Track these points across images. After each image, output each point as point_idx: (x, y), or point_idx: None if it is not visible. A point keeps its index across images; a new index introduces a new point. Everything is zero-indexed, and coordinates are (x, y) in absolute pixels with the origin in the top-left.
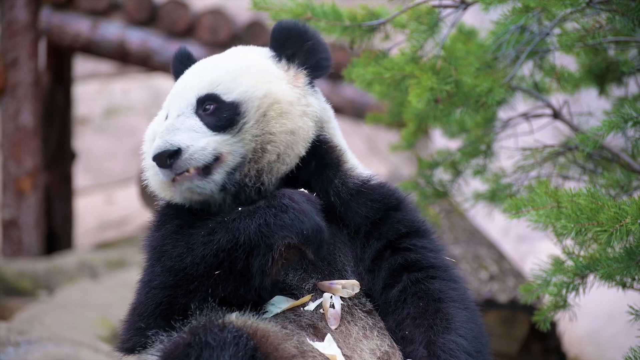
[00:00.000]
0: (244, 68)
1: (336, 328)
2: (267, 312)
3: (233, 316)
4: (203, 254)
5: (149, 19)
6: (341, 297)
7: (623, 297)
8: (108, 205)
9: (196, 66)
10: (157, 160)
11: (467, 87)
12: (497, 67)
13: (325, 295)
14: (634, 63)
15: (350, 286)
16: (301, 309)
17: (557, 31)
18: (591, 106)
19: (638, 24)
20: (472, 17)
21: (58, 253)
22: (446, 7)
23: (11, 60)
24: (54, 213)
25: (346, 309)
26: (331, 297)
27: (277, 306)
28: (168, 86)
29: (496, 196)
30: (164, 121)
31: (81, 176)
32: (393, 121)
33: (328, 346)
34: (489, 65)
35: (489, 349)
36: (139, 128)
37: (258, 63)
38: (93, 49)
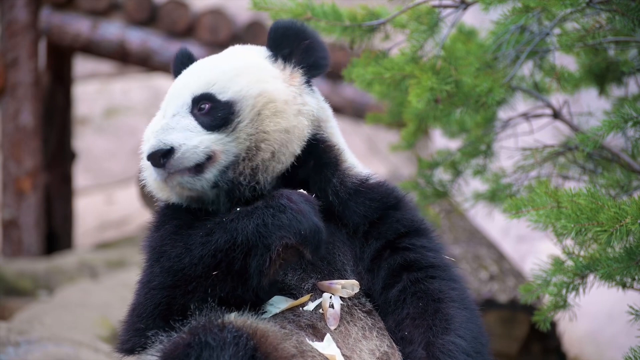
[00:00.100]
0: (240, 67)
1: (335, 328)
2: (266, 312)
3: (232, 316)
4: (201, 255)
5: (149, 19)
6: (341, 297)
7: (623, 297)
8: (108, 205)
9: (193, 66)
10: (151, 159)
11: (467, 87)
12: (497, 67)
13: (324, 295)
14: (634, 63)
15: (349, 286)
16: (300, 309)
17: (557, 31)
18: (591, 106)
19: (638, 24)
20: (472, 17)
21: (58, 253)
22: (446, 7)
23: (11, 60)
24: (54, 213)
25: (346, 309)
26: (330, 297)
27: (276, 306)
28: (168, 86)
29: (496, 196)
30: (161, 121)
31: (81, 176)
32: (393, 121)
33: (327, 346)
34: (489, 65)
35: (489, 349)
36: (139, 128)
37: (254, 62)
38: (93, 49)
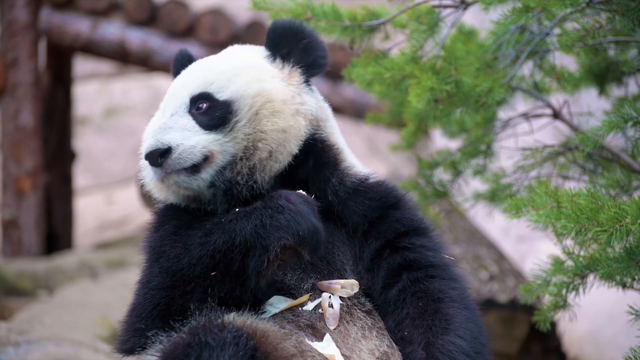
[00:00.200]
0: (238, 67)
1: (335, 328)
2: (265, 312)
3: (232, 316)
4: (200, 255)
5: (149, 19)
6: (340, 297)
7: (623, 297)
8: (108, 205)
9: (191, 66)
10: (149, 158)
11: (467, 87)
12: (497, 67)
13: (324, 295)
14: (634, 63)
15: (349, 286)
16: (299, 309)
17: (557, 31)
18: (591, 106)
19: (638, 24)
20: (472, 17)
21: (58, 253)
22: (446, 7)
23: (11, 60)
24: (54, 213)
25: (345, 309)
26: (330, 297)
27: (275, 306)
28: (168, 86)
29: (496, 196)
30: (159, 120)
31: (81, 176)
32: (393, 121)
33: (327, 346)
34: (489, 65)
35: (489, 349)
36: (139, 128)
37: (252, 62)
38: (93, 49)
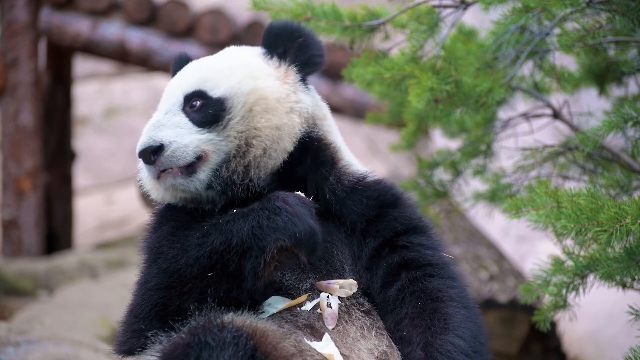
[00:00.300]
0: (232, 66)
1: (333, 328)
2: (264, 313)
3: (232, 316)
4: (197, 256)
5: (149, 19)
6: (339, 297)
7: (623, 297)
8: (108, 205)
9: (187, 66)
10: (142, 156)
11: (467, 87)
12: (497, 67)
13: (322, 295)
14: (634, 63)
15: (347, 286)
16: (298, 309)
17: (557, 31)
18: (591, 106)
19: (638, 24)
20: (472, 17)
21: (58, 253)
22: (446, 7)
23: (11, 60)
24: (54, 213)
25: (344, 309)
26: (328, 297)
27: (274, 306)
28: None
29: (496, 196)
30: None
31: (81, 176)
32: (393, 121)
33: (326, 345)
34: (489, 65)
35: (488, 348)
36: (139, 128)
37: (247, 61)
38: (93, 49)
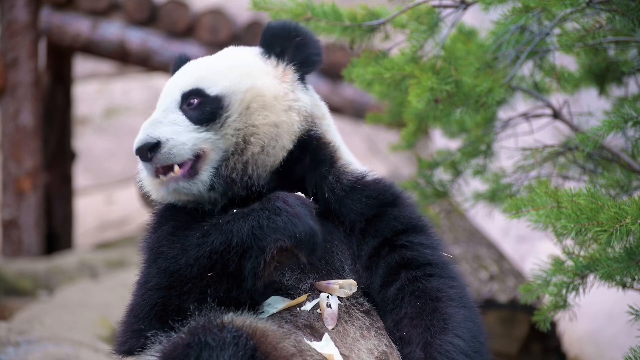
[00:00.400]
0: (230, 65)
1: (333, 328)
2: (264, 313)
3: (232, 316)
4: (197, 256)
5: (149, 19)
6: (338, 297)
7: (623, 297)
8: (108, 205)
9: (185, 66)
10: (139, 153)
11: (467, 87)
12: (497, 67)
13: (322, 295)
14: (634, 63)
15: (347, 286)
16: (297, 309)
17: (557, 31)
18: (591, 106)
19: (638, 24)
20: (472, 17)
21: (58, 253)
22: (446, 7)
23: (11, 60)
24: (54, 213)
25: (343, 309)
26: (328, 297)
27: (274, 306)
28: None
29: (496, 196)
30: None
31: (81, 176)
32: (393, 121)
33: (325, 345)
34: (489, 65)
35: (488, 348)
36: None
37: (245, 60)
38: (93, 49)
